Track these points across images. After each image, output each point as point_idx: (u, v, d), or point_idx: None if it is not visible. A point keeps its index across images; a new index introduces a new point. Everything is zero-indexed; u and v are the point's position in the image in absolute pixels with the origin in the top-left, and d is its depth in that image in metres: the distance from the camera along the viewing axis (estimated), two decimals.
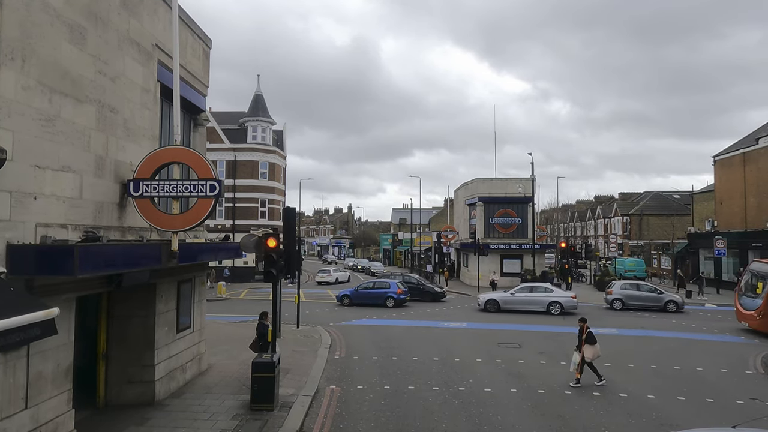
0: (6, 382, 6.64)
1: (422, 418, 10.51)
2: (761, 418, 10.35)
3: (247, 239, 11.86)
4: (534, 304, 26.45)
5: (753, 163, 34.17)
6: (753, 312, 20.24)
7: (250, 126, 45.43)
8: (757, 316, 20.01)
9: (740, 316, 21.57)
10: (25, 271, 6.68)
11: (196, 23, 13.02)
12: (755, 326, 20.23)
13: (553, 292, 26.88)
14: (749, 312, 20.58)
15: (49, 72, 7.36)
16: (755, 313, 20.12)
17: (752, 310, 20.38)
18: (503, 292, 28.46)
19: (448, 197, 69.52)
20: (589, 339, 12.85)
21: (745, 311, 21.06)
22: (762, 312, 19.74)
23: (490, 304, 27.18)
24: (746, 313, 20.87)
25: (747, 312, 20.80)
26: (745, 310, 21.08)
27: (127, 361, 10.65)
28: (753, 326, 20.37)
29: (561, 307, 25.81)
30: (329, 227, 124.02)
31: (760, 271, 21.38)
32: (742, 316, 21.37)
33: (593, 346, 12.83)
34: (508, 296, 27.41)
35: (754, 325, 20.27)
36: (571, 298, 26.57)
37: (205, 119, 14.12)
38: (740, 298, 22.01)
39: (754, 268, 22.16)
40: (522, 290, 27.70)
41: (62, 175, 7.62)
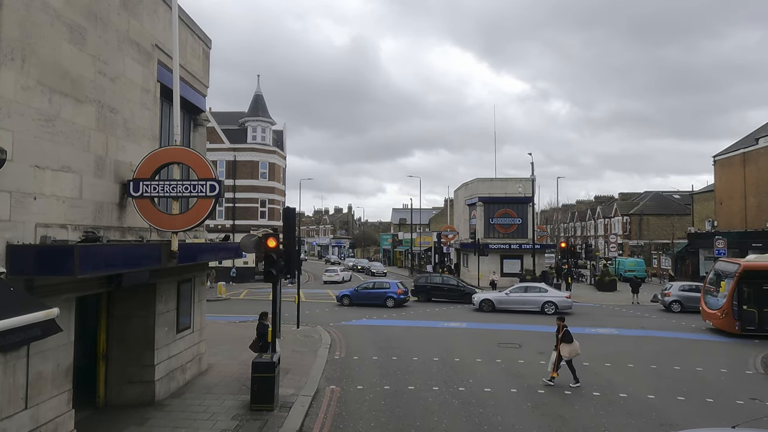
0: (6, 382, 6.64)
1: (422, 418, 10.51)
2: (761, 418, 10.35)
3: (247, 239, 11.86)
4: (528, 304, 26.53)
5: (753, 163, 34.17)
6: (716, 311, 20.35)
7: (250, 126, 45.43)
8: (720, 315, 20.15)
9: (705, 315, 21.65)
10: (25, 272, 6.68)
11: (196, 23, 13.02)
12: (718, 325, 20.35)
13: (547, 292, 26.96)
14: (713, 311, 20.69)
15: (49, 72, 7.36)
16: (718, 312, 20.24)
17: (716, 309, 20.46)
18: (498, 292, 28.53)
19: (448, 197, 69.56)
20: (566, 338, 12.86)
21: (709, 310, 21.13)
22: (725, 311, 19.89)
23: (485, 304, 27.24)
24: (710, 312, 20.96)
25: (711, 311, 20.90)
26: (709, 309, 21.15)
27: (127, 361, 10.65)
28: (716, 325, 20.49)
29: (555, 307, 25.85)
30: (329, 227, 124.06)
31: (725, 270, 21.37)
32: (706, 315, 21.44)
33: (570, 344, 12.83)
34: (502, 296, 27.48)
35: (718, 324, 20.38)
36: (566, 298, 26.64)
37: (205, 119, 14.12)
38: (705, 297, 22.13)
39: (719, 268, 22.23)
40: (516, 290, 27.78)
41: (62, 176, 7.62)
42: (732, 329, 19.69)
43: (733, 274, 20.21)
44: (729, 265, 21.54)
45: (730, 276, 20.44)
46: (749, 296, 19.77)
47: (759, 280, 19.89)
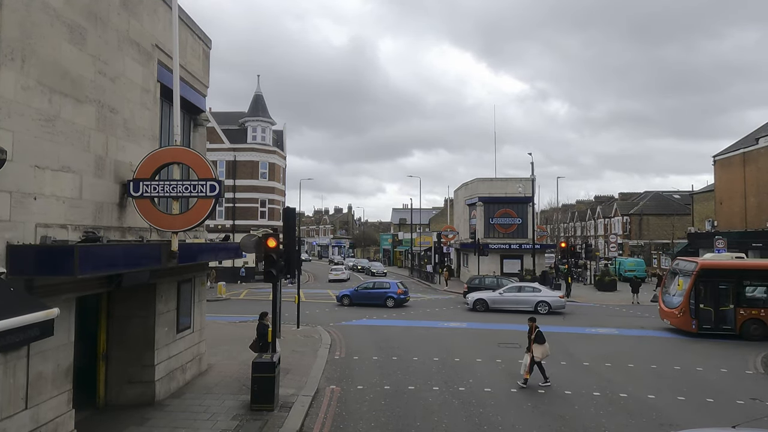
0: (6, 382, 6.64)
1: (422, 418, 10.51)
2: (761, 418, 10.35)
3: (247, 239, 11.87)
4: (522, 303, 26.57)
5: (753, 163, 34.16)
6: (674, 310, 20.29)
7: (250, 126, 45.43)
8: (677, 314, 20.07)
9: (662, 313, 21.51)
10: (25, 272, 6.68)
11: (196, 23, 13.02)
12: (675, 323, 20.28)
13: (540, 292, 27.02)
14: (670, 309, 20.60)
15: (49, 72, 7.36)
16: (676, 310, 20.17)
17: (673, 307, 20.40)
18: (491, 292, 28.59)
19: (448, 197, 69.59)
20: (539, 338, 12.81)
21: (666, 309, 21.04)
22: (682, 310, 19.82)
23: (479, 304, 27.28)
24: (667, 310, 20.85)
25: (668, 309, 20.78)
26: (666, 308, 21.06)
27: (127, 362, 10.64)
28: (673, 323, 20.43)
29: (549, 307, 25.90)
30: (329, 227, 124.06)
31: (683, 269, 21.26)
32: (664, 314, 21.30)
33: (542, 345, 12.81)
34: (496, 296, 27.53)
35: (675, 323, 20.31)
36: (559, 298, 26.69)
37: (205, 119, 14.13)
38: (663, 295, 22.02)
39: (677, 267, 22.08)
40: (510, 290, 27.87)
41: (62, 176, 7.62)
42: (689, 328, 19.61)
43: (690, 273, 20.09)
44: (686, 263, 21.48)
45: (688, 275, 20.31)
46: (706, 295, 19.74)
47: (715, 279, 19.87)
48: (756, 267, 21.03)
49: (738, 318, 19.24)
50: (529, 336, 12.98)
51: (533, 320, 13.28)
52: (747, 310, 19.27)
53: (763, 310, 19.21)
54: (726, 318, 19.44)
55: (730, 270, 20.13)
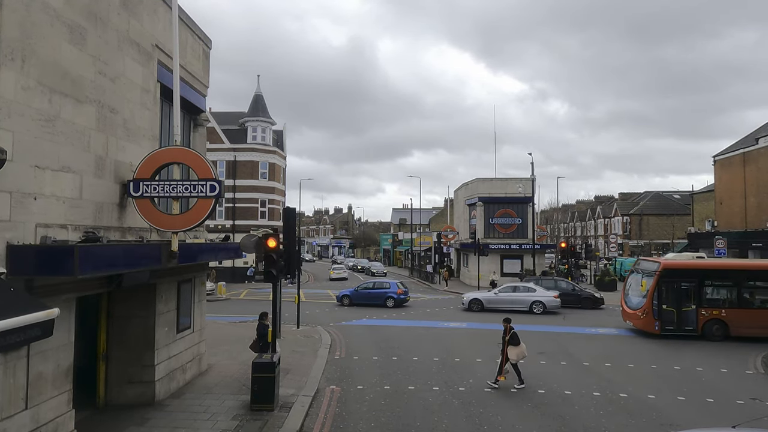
0: (6, 382, 6.64)
1: (422, 418, 10.51)
2: (761, 418, 10.35)
3: (247, 239, 11.86)
4: (517, 303, 26.60)
5: (753, 163, 34.16)
6: (637, 311, 19.92)
7: (250, 126, 45.43)
8: (640, 315, 19.71)
9: (625, 315, 21.17)
10: (25, 272, 6.68)
11: (196, 23, 13.02)
12: (638, 325, 19.95)
13: (535, 292, 27.02)
14: (633, 311, 20.24)
15: (49, 72, 7.36)
16: (639, 311, 19.80)
17: (636, 308, 20.02)
18: (487, 292, 28.62)
19: (448, 197, 69.58)
20: (513, 340, 12.62)
21: (629, 310, 20.68)
22: (645, 311, 19.45)
23: (474, 304, 27.31)
24: (630, 311, 20.50)
25: (631, 311, 20.43)
26: (629, 309, 20.70)
27: (127, 362, 10.65)
28: (636, 325, 20.11)
29: (543, 307, 25.90)
30: (329, 227, 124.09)
31: (645, 269, 20.95)
32: (627, 315, 20.97)
33: (517, 347, 12.61)
34: (491, 296, 27.57)
35: (638, 324, 19.99)
36: (554, 297, 26.68)
37: (205, 119, 14.13)
38: (626, 296, 21.66)
39: (639, 267, 21.82)
40: (505, 290, 27.91)
41: (62, 176, 7.62)
42: (651, 329, 19.30)
43: (653, 273, 19.76)
44: (649, 264, 21.25)
45: (650, 275, 19.99)
46: (669, 296, 19.43)
47: (678, 280, 19.62)
48: (716, 267, 21.15)
49: (699, 318, 19.00)
50: (504, 337, 12.78)
51: (508, 321, 13.08)
52: (708, 310, 19.04)
53: (724, 311, 19.02)
54: (688, 319, 19.17)
55: (692, 270, 20.02)
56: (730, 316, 18.92)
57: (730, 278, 19.80)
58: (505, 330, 12.82)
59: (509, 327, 12.84)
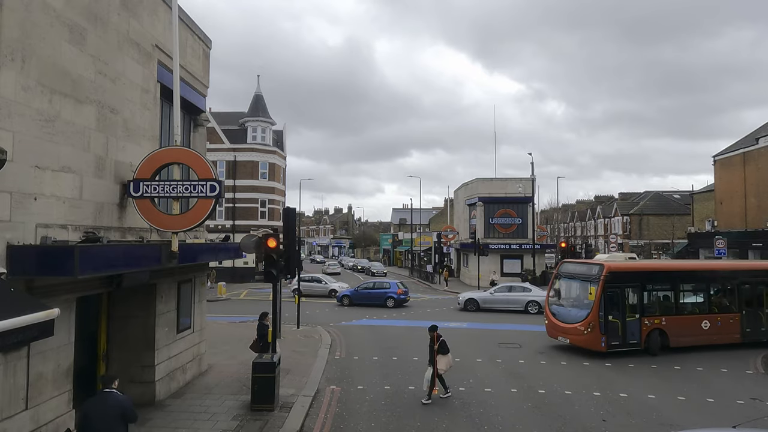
0: (6, 382, 6.64)
1: (422, 418, 10.51)
2: (762, 418, 10.35)
3: (247, 239, 11.86)
4: (512, 303, 26.66)
5: (753, 163, 34.16)
6: (578, 324, 16.31)
7: (250, 126, 45.42)
8: (584, 330, 16.07)
9: (554, 330, 17.55)
10: (25, 272, 6.67)
11: (196, 23, 13.02)
12: (581, 342, 16.28)
13: (531, 292, 27.12)
14: (572, 324, 16.62)
15: (49, 72, 7.36)
16: (581, 325, 16.18)
17: (577, 321, 16.43)
18: (482, 292, 28.64)
19: (447, 197, 69.59)
20: (442, 349, 11.68)
21: (564, 324, 17.05)
22: (591, 324, 15.94)
23: (470, 304, 27.35)
24: (567, 326, 16.87)
25: (568, 324, 16.80)
26: (564, 323, 17.09)
27: (127, 362, 10.64)
28: (577, 342, 16.47)
29: (539, 306, 25.86)
30: (329, 227, 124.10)
31: (580, 273, 17.62)
32: (559, 330, 17.25)
33: (446, 356, 11.74)
34: (487, 296, 27.61)
35: (580, 341, 16.33)
36: None
37: (205, 120, 14.13)
38: (554, 307, 18.16)
39: (567, 270, 18.41)
40: (501, 289, 28.00)
41: (62, 176, 7.62)
42: (597, 346, 15.89)
43: (594, 278, 16.51)
44: (585, 267, 17.79)
45: (589, 280, 16.79)
46: (612, 305, 16.22)
47: (622, 285, 16.54)
48: (661, 269, 19.10)
49: (642, 329, 16.35)
50: (432, 347, 11.68)
51: (434, 329, 11.95)
52: (650, 319, 16.55)
53: (665, 318, 16.73)
54: (633, 331, 16.32)
55: (637, 273, 17.40)
56: (670, 324, 16.66)
57: (669, 281, 17.69)
58: (433, 339, 11.70)
59: (437, 335, 11.76)
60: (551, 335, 17.72)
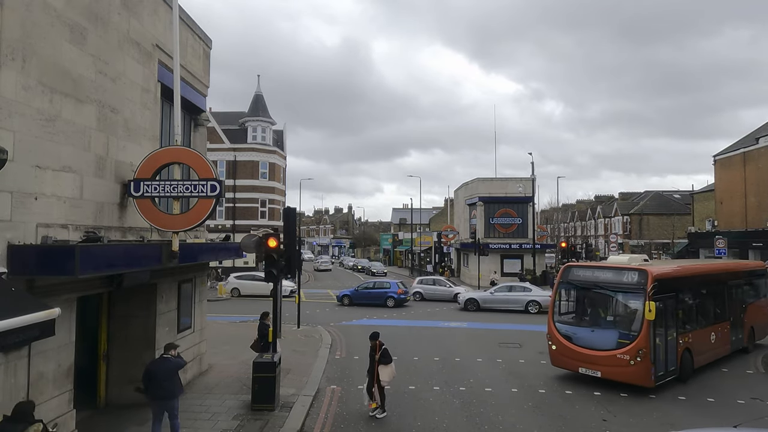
0: (7, 382, 6.64)
1: (423, 417, 10.51)
2: (762, 418, 10.35)
3: (248, 239, 11.86)
4: (513, 303, 26.66)
5: (753, 163, 34.18)
6: (617, 352, 12.11)
7: (251, 126, 45.41)
8: (630, 360, 11.84)
9: (572, 359, 12.96)
10: (26, 272, 6.68)
11: (197, 23, 13.02)
12: (625, 376, 12.03)
13: (531, 291, 27.14)
14: (605, 352, 12.38)
15: (50, 72, 7.36)
16: (624, 353, 11.96)
17: (610, 348, 12.32)
18: (483, 291, 28.64)
19: (448, 197, 69.57)
20: (385, 358, 10.61)
21: (588, 350, 12.66)
22: (641, 351, 11.76)
23: (470, 303, 27.35)
24: (595, 353, 12.53)
25: (597, 352, 12.52)
26: (588, 349, 12.69)
27: (127, 362, 10.64)
28: (618, 376, 12.12)
29: (539, 306, 25.94)
30: (329, 227, 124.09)
31: (600, 281, 13.26)
32: (579, 360, 12.77)
33: (389, 366, 10.60)
34: (487, 295, 27.62)
35: (623, 375, 12.04)
36: (549, 297, 26.63)
37: (206, 119, 14.13)
38: (562, 327, 13.44)
39: (581, 278, 13.72)
40: (501, 289, 28.03)
41: (63, 176, 7.62)
42: (647, 380, 11.91)
43: (636, 289, 12.31)
44: (609, 272, 13.25)
45: (627, 291, 12.65)
46: (657, 323, 12.09)
47: (666, 296, 12.54)
48: (707, 271, 15.69)
49: (678, 351, 12.85)
50: (373, 356, 10.64)
51: (376, 336, 10.99)
52: (682, 337, 13.05)
53: (691, 335, 13.40)
54: (671, 354, 12.66)
55: (682, 279, 13.93)
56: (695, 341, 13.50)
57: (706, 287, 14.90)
58: (374, 347, 10.71)
59: (379, 343, 10.75)
60: (563, 365, 13.34)
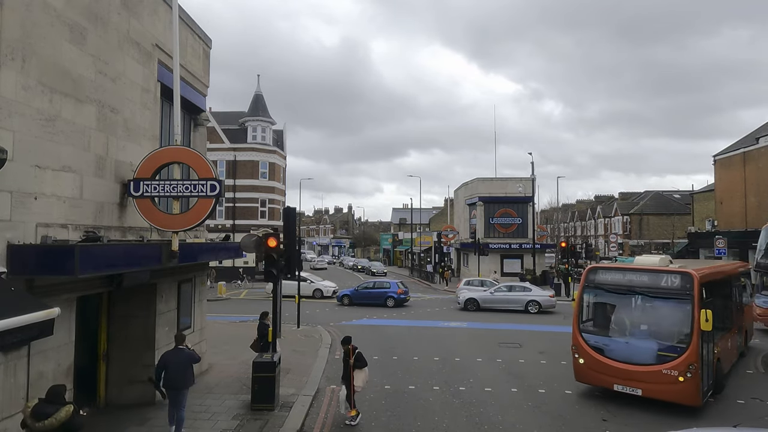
0: (7, 381, 6.64)
1: (423, 417, 10.51)
2: (762, 418, 10.35)
3: (248, 239, 11.86)
4: (512, 302, 26.67)
5: (753, 163, 34.18)
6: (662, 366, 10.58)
7: (250, 126, 45.41)
8: (678, 375, 10.36)
9: (605, 374, 11.36)
10: (25, 272, 6.68)
11: (197, 23, 13.02)
12: (672, 395, 10.54)
13: (531, 291, 27.16)
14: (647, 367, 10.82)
15: (50, 72, 7.36)
16: (672, 368, 10.43)
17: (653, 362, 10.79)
18: (483, 291, 28.66)
19: (447, 197, 69.62)
20: (360, 362, 10.18)
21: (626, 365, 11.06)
22: (691, 365, 10.28)
23: (470, 303, 27.35)
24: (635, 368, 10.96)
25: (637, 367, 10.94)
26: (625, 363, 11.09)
27: (127, 361, 10.65)
28: (664, 394, 10.63)
29: (539, 306, 26.01)
30: (329, 227, 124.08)
31: (634, 284, 11.54)
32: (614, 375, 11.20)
33: (363, 370, 10.23)
34: (487, 295, 27.62)
35: (670, 393, 10.55)
36: (549, 297, 26.75)
37: (206, 119, 14.13)
38: (591, 338, 11.93)
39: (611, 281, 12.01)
40: (501, 289, 28.02)
41: (63, 175, 7.62)
42: (696, 399, 10.46)
43: (680, 294, 10.89)
44: (644, 276, 11.52)
45: (667, 297, 11.13)
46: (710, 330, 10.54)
47: (709, 301, 11.07)
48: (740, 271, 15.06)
49: (713, 362, 11.41)
50: (347, 361, 10.23)
51: (348, 341, 10.50)
52: (716, 345, 11.71)
53: (720, 343, 12.11)
54: (710, 367, 11.19)
55: (724, 281, 13.22)
56: (721, 350, 12.15)
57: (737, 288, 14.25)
58: (347, 352, 10.26)
59: (352, 348, 10.28)
60: (591, 380, 11.81)
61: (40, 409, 6.04)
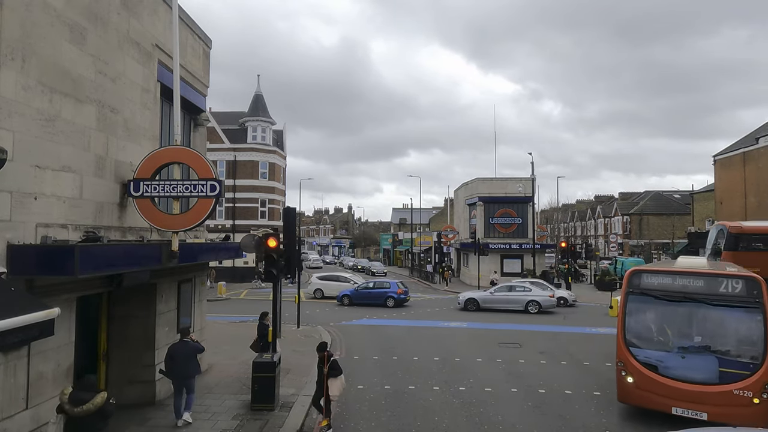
0: (7, 382, 6.64)
1: (423, 417, 10.51)
2: None
3: (248, 239, 11.87)
4: (512, 303, 26.67)
5: (753, 163, 34.17)
6: (732, 386, 9.34)
7: (250, 126, 45.40)
8: (753, 397, 9.17)
9: (661, 395, 9.93)
10: (25, 272, 6.68)
11: (196, 23, 13.02)
12: (745, 418, 9.05)
13: (531, 291, 27.13)
14: (714, 387, 9.51)
15: (50, 72, 7.36)
16: (744, 388, 9.26)
17: (719, 381, 9.53)
18: (483, 291, 28.65)
19: (447, 197, 69.62)
20: (334, 370, 9.68)
21: (688, 385, 9.70)
22: (767, 385, 9.15)
23: (470, 303, 27.34)
24: (699, 389, 9.58)
25: (702, 388, 9.58)
26: (687, 383, 9.72)
27: (127, 361, 10.65)
28: (736, 418, 8.95)
29: (539, 306, 25.99)
30: (329, 227, 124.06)
31: (689, 290, 10.24)
32: (673, 396, 9.79)
33: (338, 378, 9.70)
34: (487, 295, 27.62)
35: (742, 416, 9.07)
36: (549, 297, 26.74)
37: (206, 119, 14.13)
38: (640, 352, 10.33)
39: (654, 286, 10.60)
40: (501, 289, 28.01)
41: (63, 175, 7.62)
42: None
43: (745, 301, 9.75)
44: (698, 280, 10.31)
45: (737, 305, 9.82)
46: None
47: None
48: None
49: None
50: (321, 367, 9.76)
51: (324, 348, 9.97)
52: None
53: None
54: None
55: None
56: None
57: None
58: (322, 359, 9.76)
59: (327, 354, 9.79)
60: (643, 402, 10.32)
61: (77, 396, 6.53)
